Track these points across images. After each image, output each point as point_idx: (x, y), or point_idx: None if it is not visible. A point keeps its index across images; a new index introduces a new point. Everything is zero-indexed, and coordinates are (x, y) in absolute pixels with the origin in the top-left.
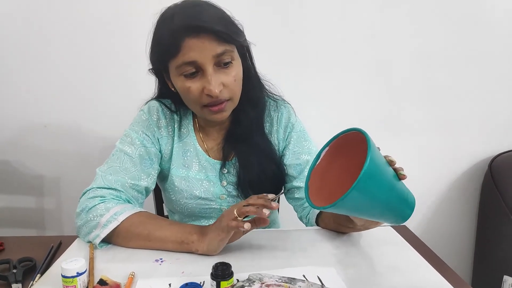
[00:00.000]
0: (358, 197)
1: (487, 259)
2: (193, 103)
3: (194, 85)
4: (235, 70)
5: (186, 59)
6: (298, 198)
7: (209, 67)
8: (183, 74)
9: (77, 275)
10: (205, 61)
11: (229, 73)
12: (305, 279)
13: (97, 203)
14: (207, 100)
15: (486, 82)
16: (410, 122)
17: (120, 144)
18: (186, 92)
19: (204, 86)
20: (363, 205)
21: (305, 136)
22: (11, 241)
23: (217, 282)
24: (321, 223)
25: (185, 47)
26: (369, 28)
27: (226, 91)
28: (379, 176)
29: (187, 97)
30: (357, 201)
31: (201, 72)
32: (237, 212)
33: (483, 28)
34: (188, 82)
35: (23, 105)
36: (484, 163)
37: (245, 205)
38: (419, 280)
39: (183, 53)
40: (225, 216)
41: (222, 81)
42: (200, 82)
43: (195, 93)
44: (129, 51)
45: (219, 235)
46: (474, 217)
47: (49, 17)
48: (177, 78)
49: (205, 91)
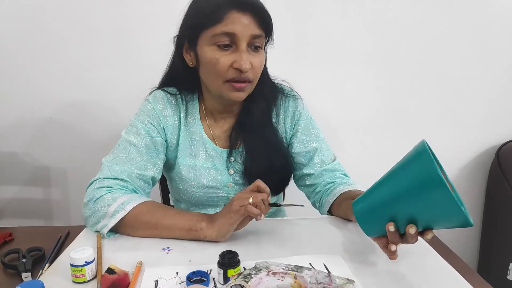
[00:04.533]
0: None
1: (494, 246)
2: (217, 75)
3: (224, 57)
4: (262, 57)
5: (226, 29)
6: (309, 184)
7: (244, 44)
8: (217, 44)
9: (86, 264)
10: (243, 37)
11: (257, 56)
12: (312, 267)
13: (104, 193)
14: (233, 74)
15: (493, 71)
16: (417, 112)
17: (126, 134)
18: (214, 63)
19: (234, 60)
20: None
21: (312, 124)
22: (20, 231)
23: (224, 270)
24: (333, 209)
25: (229, 18)
26: (374, 21)
27: (252, 72)
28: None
29: (213, 68)
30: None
31: (234, 46)
32: (252, 200)
33: (489, 17)
34: (218, 53)
35: (29, 97)
36: (491, 152)
37: (254, 202)
38: (425, 267)
39: (225, 23)
40: (237, 200)
41: (251, 61)
42: (230, 56)
43: (223, 65)
44: (134, 42)
45: (230, 218)
46: (481, 205)
47: (55, 12)
48: (208, 47)
49: (235, 65)
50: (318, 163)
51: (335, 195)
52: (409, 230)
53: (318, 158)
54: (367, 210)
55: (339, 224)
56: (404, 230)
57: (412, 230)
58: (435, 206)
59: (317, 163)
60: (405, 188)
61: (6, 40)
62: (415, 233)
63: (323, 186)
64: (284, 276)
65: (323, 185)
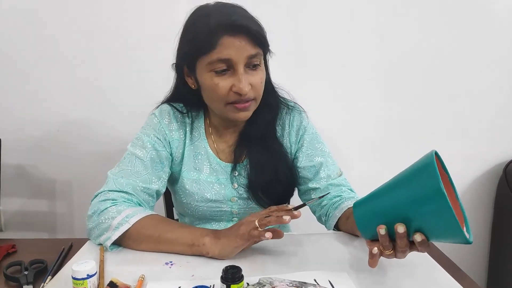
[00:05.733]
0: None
1: (503, 264)
2: (218, 100)
3: (223, 82)
4: (261, 73)
5: (221, 56)
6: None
7: (241, 67)
8: (214, 71)
9: (88, 277)
10: (239, 60)
11: (256, 75)
12: (316, 283)
13: (108, 206)
14: (234, 98)
15: (500, 86)
16: (424, 127)
17: (132, 147)
18: (214, 89)
19: (233, 84)
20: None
21: (317, 139)
22: (23, 243)
23: (227, 285)
24: (340, 223)
25: (222, 45)
26: (380, 30)
27: (253, 91)
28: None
29: (213, 94)
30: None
31: (232, 70)
32: (258, 222)
33: (502, 31)
34: (217, 78)
35: (36, 110)
36: (499, 168)
37: (266, 216)
38: (433, 285)
39: (219, 50)
40: (245, 224)
41: (250, 82)
42: (229, 80)
43: (223, 90)
44: (141, 55)
45: (235, 242)
46: (489, 222)
47: (65, 26)
48: (206, 74)
49: (234, 88)
50: (324, 178)
51: (343, 209)
52: (397, 229)
53: (324, 172)
54: (367, 212)
55: (344, 240)
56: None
57: (400, 229)
58: (434, 219)
59: (323, 177)
60: (407, 197)
61: (14, 53)
62: (403, 233)
63: (329, 200)
64: None
65: (329, 198)
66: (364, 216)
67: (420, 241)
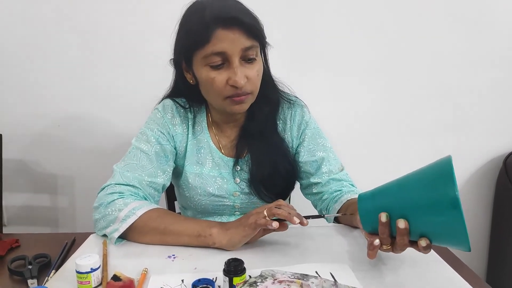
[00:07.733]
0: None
1: (502, 256)
2: (215, 94)
3: (219, 76)
4: (258, 66)
5: (215, 49)
6: (316, 193)
7: (236, 59)
8: (209, 65)
9: (91, 271)
10: (234, 53)
11: (252, 68)
12: (318, 276)
13: (115, 198)
14: (231, 91)
15: (499, 79)
16: (424, 121)
17: (136, 142)
18: (210, 83)
19: (229, 77)
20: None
21: (319, 133)
22: (27, 238)
23: (229, 278)
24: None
25: (216, 38)
26: (381, 28)
27: (249, 84)
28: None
29: (210, 88)
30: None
31: (227, 63)
32: (267, 212)
33: (499, 26)
34: (213, 73)
35: (37, 105)
36: (498, 160)
37: (277, 207)
38: (433, 277)
39: (213, 43)
40: (254, 214)
41: (246, 75)
42: (225, 74)
43: (219, 84)
44: (143, 49)
45: (244, 231)
46: (489, 214)
47: (67, 22)
48: (202, 68)
49: (230, 82)
50: (325, 172)
51: (342, 201)
52: (398, 224)
53: (325, 167)
54: (373, 207)
55: (346, 232)
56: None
57: (401, 224)
58: (443, 229)
59: (325, 172)
60: (418, 202)
61: (15, 48)
62: (403, 229)
63: (330, 193)
64: (290, 284)
65: (330, 192)
66: (369, 209)
67: (425, 246)
